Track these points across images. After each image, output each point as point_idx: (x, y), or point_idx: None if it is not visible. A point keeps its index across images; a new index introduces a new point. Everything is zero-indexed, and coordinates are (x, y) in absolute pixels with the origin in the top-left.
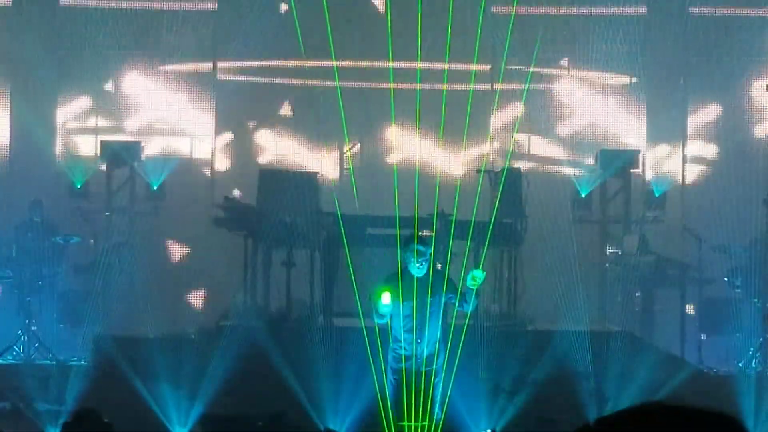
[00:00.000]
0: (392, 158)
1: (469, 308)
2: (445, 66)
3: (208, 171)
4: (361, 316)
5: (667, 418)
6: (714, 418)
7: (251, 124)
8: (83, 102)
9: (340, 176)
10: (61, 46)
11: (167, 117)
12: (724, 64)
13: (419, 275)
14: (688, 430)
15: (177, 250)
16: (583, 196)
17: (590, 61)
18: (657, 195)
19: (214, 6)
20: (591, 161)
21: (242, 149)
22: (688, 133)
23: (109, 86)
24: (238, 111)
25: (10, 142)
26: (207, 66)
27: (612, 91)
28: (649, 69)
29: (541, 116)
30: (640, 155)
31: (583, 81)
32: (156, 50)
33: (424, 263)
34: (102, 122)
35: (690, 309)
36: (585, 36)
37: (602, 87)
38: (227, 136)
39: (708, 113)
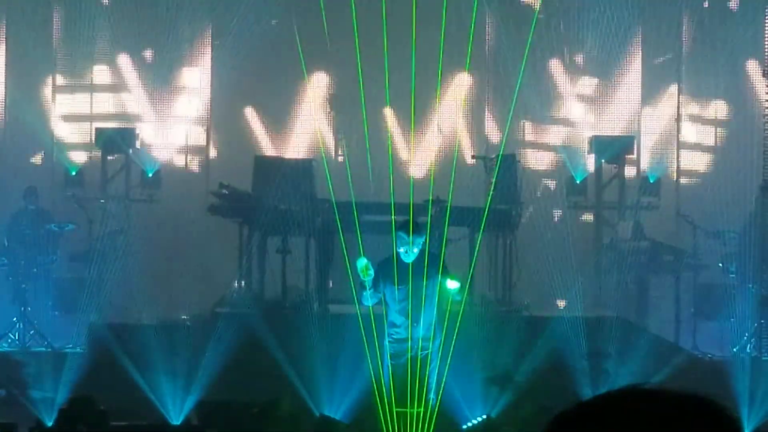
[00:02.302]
0: (387, 145)
1: (457, 297)
2: (440, 52)
3: (203, 158)
4: (356, 303)
5: (646, 401)
6: (695, 401)
7: (246, 109)
8: (78, 87)
9: (335, 163)
10: (55, 31)
11: (162, 102)
12: (720, 49)
13: (408, 261)
14: (667, 412)
15: (172, 237)
16: (578, 182)
17: (584, 47)
18: (651, 181)
19: None
20: (586, 147)
21: (237, 136)
22: (683, 119)
23: (104, 71)
24: (234, 97)
25: (3, 128)
26: (203, 50)
27: (607, 77)
28: (644, 55)
29: (536, 102)
30: (635, 141)
31: (579, 67)
32: (152, 34)
33: (411, 251)
34: (97, 108)
35: (685, 295)
36: (579, 20)
37: (597, 73)
38: (222, 123)
39: (703, 99)
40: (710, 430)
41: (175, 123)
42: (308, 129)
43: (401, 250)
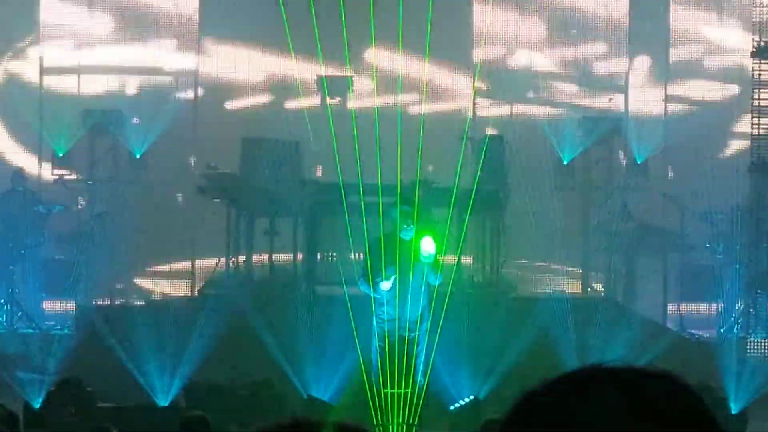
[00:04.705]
0: (374, 125)
1: (435, 281)
2: (428, 33)
3: (191, 139)
4: (344, 284)
5: (610, 378)
6: (658, 377)
7: (234, 90)
8: (65, 68)
9: (322, 144)
10: (42, 11)
11: (150, 83)
12: (708, 28)
13: (407, 238)
14: (631, 389)
15: (160, 219)
16: (565, 163)
17: (571, 26)
18: (639, 162)
19: None
20: (573, 128)
21: (225, 117)
22: (670, 100)
23: (91, 52)
24: (221, 78)
25: None
26: (191, 30)
27: (594, 57)
28: (631, 33)
29: (522, 82)
30: (623, 122)
31: (566, 47)
32: (139, 14)
33: (411, 225)
34: (84, 89)
35: (672, 276)
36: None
37: (584, 53)
38: (211, 104)
39: (691, 80)
40: (675, 407)
41: (162, 104)
42: (296, 110)
43: (405, 225)
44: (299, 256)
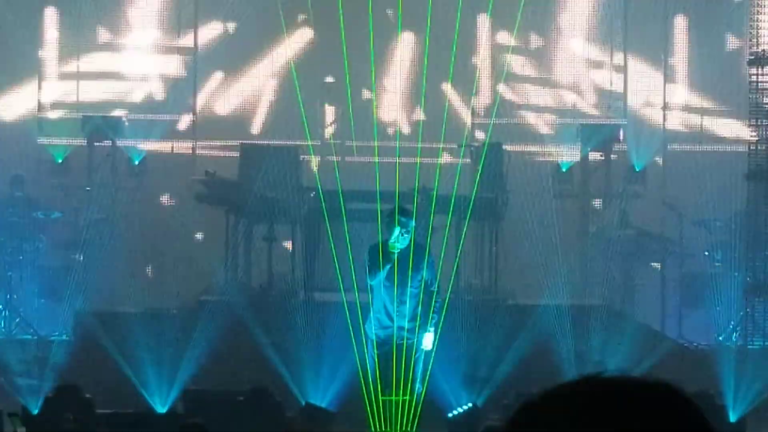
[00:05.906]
0: (373, 133)
1: (431, 286)
2: (426, 39)
3: (189, 146)
4: (342, 291)
5: (608, 389)
6: (657, 389)
7: (232, 97)
8: (64, 75)
9: (321, 151)
10: (42, 18)
11: (149, 90)
12: (706, 37)
13: (401, 246)
14: (629, 401)
15: (158, 225)
16: (564, 170)
17: (572, 35)
18: (638, 169)
19: None
20: (572, 135)
21: (223, 123)
22: (669, 108)
23: (91, 59)
24: (219, 85)
25: None
26: (188, 36)
27: (593, 63)
28: (630, 41)
29: (522, 89)
30: (621, 129)
31: (566, 55)
32: (138, 20)
33: (406, 234)
34: (83, 96)
35: (670, 283)
36: (567, 8)
37: (583, 60)
38: (208, 111)
39: (689, 88)
40: (672, 418)
41: (161, 111)
42: (295, 117)
43: (400, 235)
44: (297, 262)
